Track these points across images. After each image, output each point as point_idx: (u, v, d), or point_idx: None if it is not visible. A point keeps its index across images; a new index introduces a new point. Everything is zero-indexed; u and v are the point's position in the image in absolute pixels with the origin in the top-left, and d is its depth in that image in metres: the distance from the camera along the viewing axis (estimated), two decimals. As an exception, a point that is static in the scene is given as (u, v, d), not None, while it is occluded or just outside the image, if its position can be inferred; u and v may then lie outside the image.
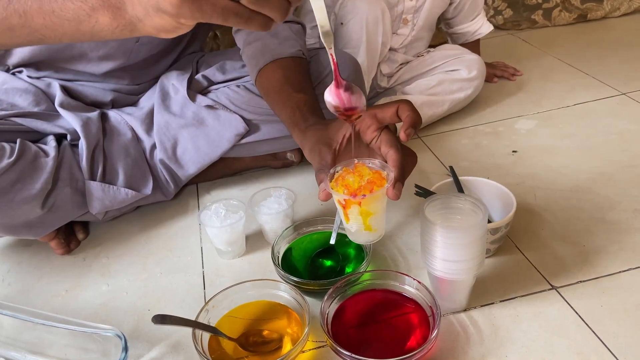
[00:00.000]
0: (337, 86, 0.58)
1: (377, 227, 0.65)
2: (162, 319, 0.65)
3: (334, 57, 0.56)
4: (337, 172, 0.65)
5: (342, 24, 1.18)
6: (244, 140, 1.00)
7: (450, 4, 1.37)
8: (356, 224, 0.64)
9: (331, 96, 0.59)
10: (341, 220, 0.67)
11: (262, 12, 0.45)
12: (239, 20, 0.45)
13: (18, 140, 0.84)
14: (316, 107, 0.80)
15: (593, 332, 0.69)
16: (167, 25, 0.44)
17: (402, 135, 0.63)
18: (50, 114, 0.94)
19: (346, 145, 0.68)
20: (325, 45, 0.54)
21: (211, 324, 0.70)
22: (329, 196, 0.64)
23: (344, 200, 0.62)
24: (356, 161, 0.65)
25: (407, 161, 0.65)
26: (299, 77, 0.87)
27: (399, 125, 1.05)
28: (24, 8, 0.47)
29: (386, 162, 0.65)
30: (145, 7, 0.43)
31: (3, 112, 0.88)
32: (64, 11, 0.46)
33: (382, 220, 0.66)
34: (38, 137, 0.93)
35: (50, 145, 0.89)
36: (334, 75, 0.58)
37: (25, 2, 0.47)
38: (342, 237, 0.85)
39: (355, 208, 0.62)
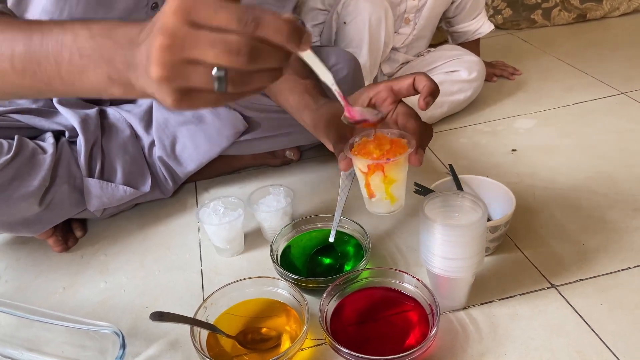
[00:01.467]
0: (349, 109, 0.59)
1: (398, 196, 0.64)
2: (160, 316, 0.65)
3: (342, 95, 0.56)
4: (356, 142, 0.64)
5: (345, 23, 1.17)
6: (243, 138, 1.00)
7: (452, 2, 1.37)
8: (378, 193, 0.63)
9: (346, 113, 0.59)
10: (361, 191, 0.65)
11: (254, 81, 0.43)
12: (237, 96, 0.44)
13: (16, 137, 0.84)
14: (323, 91, 0.80)
15: (592, 330, 0.69)
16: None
17: (421, 104, 0.63)
18: (49, 111, 0.93)
19: None
20: (335, 91, 0.54)
21: (209, 322, 0.70)
22: (350, 164, 0.63)
23: (367, 166, 0.61)
24: (375, 131, 0.64)
25: (425, 132, 0.65)
26: (304, 66, 0.87)
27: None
28: (49, 79, 0.50)
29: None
30: (151, 95, 0.44)
31: (1, 109, 0.88)
32: (84, 84, 0.48)
33: (403, 189, 0.65)
34: (36, 133, 0.92)
35: (48, 142, 0.89)
36: (344, 105, 0.58)
37: (51, 75, 0.49)
38: (341, 235, 0.85)
39: (378, 175, 0.61)
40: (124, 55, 0.45)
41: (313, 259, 0.82)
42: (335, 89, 0.53)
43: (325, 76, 0.50)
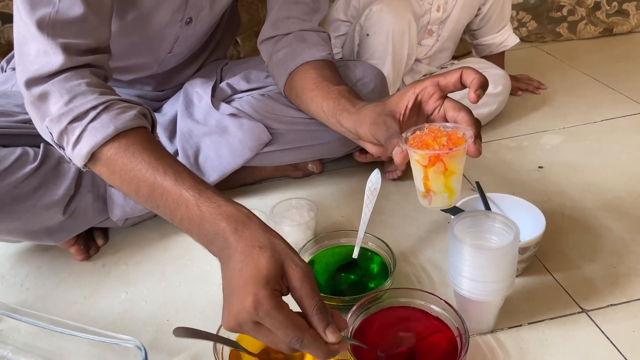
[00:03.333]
0: None
1: (457, 189, 0.62)
2: (183, 332, 0.63)
3: None
4: (409, 136, 0.62)
5: (368, 35, 1.16)
6: (266, 149, 0.99)
7: (477, 15, 1.35)
8: (436, 186, 0.60)
9: None
10: (416, 186, 0.63)
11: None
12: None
13: (42, 145, 0.84)
14: (358, 95, 0.79)
15: (625, 358, 0.67)
16: None
17: (471, 96, 0.61)
18: (74, 119, 0.94)
19: (408, 117, 0.67)
20: None
21: (232, 338, 0.69)
22: (406, 158, 0.61)
23: (427, 158, 0.59)
24: (427, 125, 0.62)
25: (477, 122, 0.63)
26: (334, 74, 0.86)
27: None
28: (165, 216, 0.64)
29: None
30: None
31: (28, 116, 0.88)
32: (188, 233, 0.62)
33: (460, 182, 0.62)
34: (61, 142, 0.93)
35: (74, 150, 0.89)
36: None
37: (164, 214, 0.64)
38: (364, 252, 0.84)
39: (438, 167, 0.59)
40: (217, 249, 0.58)
41: (336, 276, 0.81)
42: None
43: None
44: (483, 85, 0.61)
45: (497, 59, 1.45)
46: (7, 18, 1.35)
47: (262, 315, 0.50)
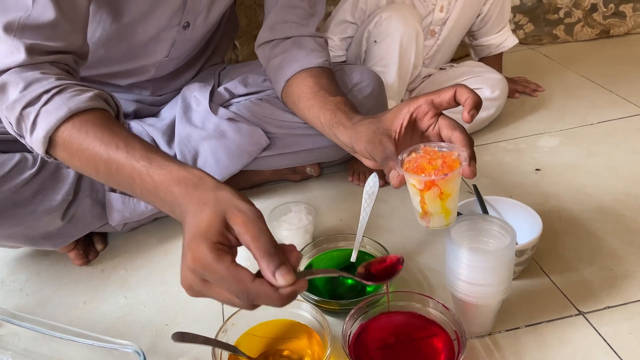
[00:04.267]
0: None
1: (453, 209, 0.63)
2: (181, 337, 0.64)
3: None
4: (405, 158, 0.63)
5: (375, 41, 1.17)
6: (264, 154, 1.00)
7: (478, 15, 1.36)
8: (433, 208, 0.61)
9: None
10: (414, 207, 0.64)
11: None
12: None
13: (40, 151, 0.84)
14: (355, 107, 0.79)
15: (622, 360, 0.67)
16: None
17: (465, 117, 0.62)
18: (73, 125, 0.94)
19: (403, 135, 0.67)
20: None
21: (230, 342, 0.69)
22: (402, 181, 0.62)
23: (423, 183, 0.60)
24: (422, 146, 0.63)
25: (471, 141, 0.63)
26: (331, 83, 0.86)
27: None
28: (127, 191, 0.63)
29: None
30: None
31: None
32: (152, 204, 0.60)
33: (457, 202, 0.63)
34: (60, 147, 0.93)
35: (72, 156, 0.89)
36: None
37: (129, 191, 0.62)
38: (362, 255, 0.84)
39: (434, 191, 0.60)
40: (177, 215, 0.56)
41: (334, 280, 0.81)
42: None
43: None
44: (477, 105, 0.62)
45: (496, 60, 1.46)
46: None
47: (202, 270, 0.48)
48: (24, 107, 0.65)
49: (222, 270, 0.47)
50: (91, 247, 0.97)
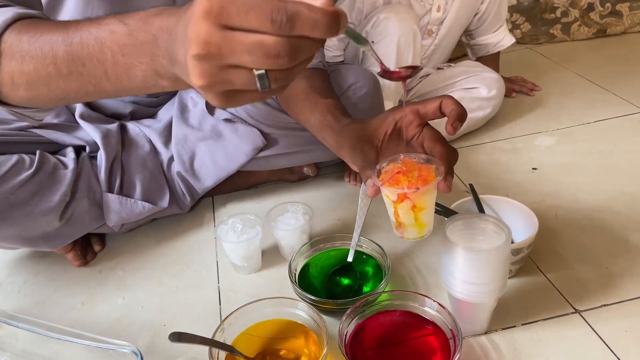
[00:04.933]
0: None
1: (427, 222, 0.63)
2: (179, 337, 0.64)
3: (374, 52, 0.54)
4: (383, 167, 0.63)
5: (373, 42, 1.18)
6: (261, 154, 1.00)
7: (475, 14, 1.36)
8: (407, 220, 0.62)
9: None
10: (390, 217, 0.65)
11: (294, 73, 0.42)
12: (281, 90, 0.43)
13: (37, 152, 0.85)
14: (346, 111, 0.79)
15: (618, 358, 0.67)
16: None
17: (448, 129, 0.62)
18: (70, 126, 0.94)
19: (387, 142, 0.67)
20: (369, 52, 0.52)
21: (227, 342, 0.69)
22: (377, 192, 0.63)
23: (396, 195, 0.60)
24: (402, 156, 0.63)
25: (451, 156, 0.64)
26: (324, 85, 0.87)
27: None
28: (97, 79, 0.50)
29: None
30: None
31: (23, 124, 0.89)
32: (132, 81, 0.48)
33: (432, 215, 0.64)
34: (57, 148, 0.93)
35: (69, 157, 0.89)
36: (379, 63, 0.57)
37: (98, 75, 0.49)
38: (359, 255, 0.84)
39: (406, 203, 0.61)
40: (165, 49, 0.44)
41: (331, 279, 0.82)
42: (370, 51, 0.52)
43: (363, 44, 0.49)
44: (461, 117, 0.62)
45: (493, 59, 1.46)
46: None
47: (222, 8, 0.37)
48: None
49: None
50: (89, 248, 0.97)
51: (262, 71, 0.39)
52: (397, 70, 0.58)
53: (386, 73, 0.57)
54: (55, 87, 0.52)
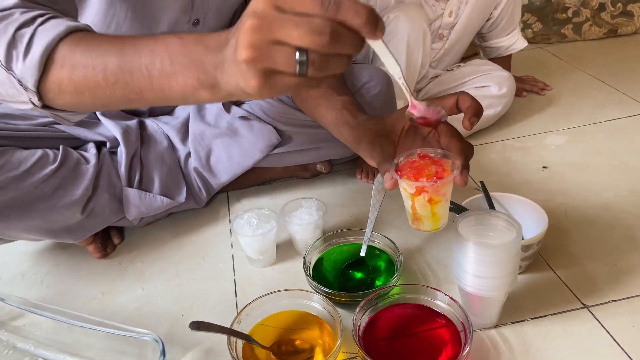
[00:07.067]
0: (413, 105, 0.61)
1: (442, 215, 0.65)
2: (198, 326, 0.67)
3: (409, 90, 0.58)
4: (401, 162, 0.65)
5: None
6: (276, 151, 1.02)
7: (488, 19, 1.37)
8: (423, 212, 0.64)
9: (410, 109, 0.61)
10: (406, 210, 0.66)
11: (331, 66, 0.46)
12: (315, 82, 0.47)
13: (61, 147, 0.87)
14: (361, 107, 0.81)
15: (625, 352, 0.69)
16: (256, 98, 0.49)
17: (466, 124, 0.64)
18: (92, 122, 0.97)
19: (404, 138, 0.69)
20: (402, 84, 0.56)
21: (245, 332, 0.72)
22: (395, 185, 0.64)
23: (414, 188, 0.62)
24: (419, 151, 0.65)
25: (467, 151, 0.65)
26: (339, 82, 0.89)
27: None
28: (140, 89, 0.54)
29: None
30: (235, 87, 0.48)
31: (47, 119, 0.91)
32: (173, 90, 0.52)
33: (447, 208, 0.66)
34: (78, 143, 0.96)
35: (91, 152, 0.92)
36: (410, 100, 0.60)
37: (142, 85, 0.53)
38: (372, 250, 0.86)
39: (424, 196, 0.62)
40: (214, 57, 0.48)
41: (344, 273, 0.84)
42: (402, 82, 0.55)
43: (394, 69, 0.53)
44: (477, 113, 0.64)
45: (505, 61, 1.47)
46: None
47: None
48: (18, 29, 0.57)
49: None
50: (109, 240, 1.00)
51: (303, 55, 0.43)
52: (423, 117, 0.62)
53: (415, 119, 0.62)
54: (101, 95, 0.56)
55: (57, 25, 0.57)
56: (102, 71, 0.54)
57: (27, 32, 0.57)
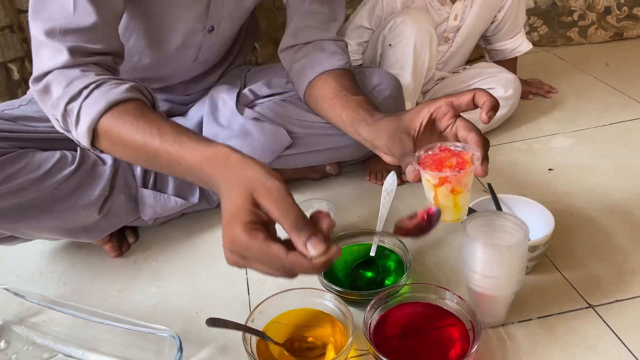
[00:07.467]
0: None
1: (464, 205, 0.67)
2: (214, 322, 0.69)
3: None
4: (422, 155, 0.67)
5: (390, 45, 1.21)
6: (286, 152, 1.04)
7: (492, 22, 1.39)
8: (446, 203, 0.66)
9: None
10: (427, 201, 0.68)
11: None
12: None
13: (78, 149, 0.89)
14: (376, 106, 0.83)
15: (630, 351, 0.70)
16: None
17: (483, 118, 0.66)
18: (108, 124, 0.99)
19: (422, 133, 0.71)
20: None
21: (258, 329, 0.74)
22: (418, 176, 0.66)
23: (437, 178, 0.64)
24: (439, 144, 0.67)
25: (485, 142, 0.67)
26: (353, 83, 0.91)
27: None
28: (165, 170, 0.67)
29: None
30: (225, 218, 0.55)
31: (65, 122, 0.94)
32: (185, 177, 0.65)
33: (468, 199, 0.68)
34: (95, 145, 0.98)
35: (107, 154, 0.95)
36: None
37: (166, 169, 0.67)
38: (381, 250, 0.88)
39: (446, 187, 0.64)
40: (213, 190, 0.61)
41: (355, 272, 0.86)
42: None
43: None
44: (494, 107, 0.66)
45: (510, 63, 1.49)
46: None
47: (240, 250, 0.52)
48: (68, 103, 0.69)
49: (256, 248, 0.51)
50: (124, 240, 1.02)
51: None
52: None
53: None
54: (136, 163, 0.75)
55: (98, 101, 0.68)
56: (136, 158, 0.69)
57: (75, 106, 0.69)
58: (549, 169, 1.14)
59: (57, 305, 0.81)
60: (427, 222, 0.64)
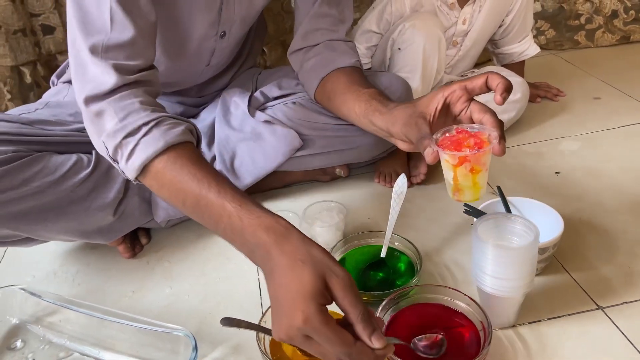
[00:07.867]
0: None
1: (482, 184, 0.68)
2: (229, 322, 0.70)
3: None
4: (439, 137, 0.68)
5: (399, 49, 1.23)
6: (297, 154, 1.06)
7: (500, 26, 1.40)
8: (465, 182, 0.67)
9: None
10: (446, 182, 0.69)
11: None
12: None
13: (94, 152, 0.91)
14: (388, 97, 0.84)
15: (638, 352, 0.71)
16: None
17: (498, 99, 0.66)
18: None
19: (437, 118, 0.72)
20: None
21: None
22: (436, 158, 0.67)
23: (457, 158, 0.65)
24: (455, 127, 0.68)
25: (500, 123, 0.68)
26: (363, 79, 0.92)
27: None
28: (208, 224, 0.68)
29: None
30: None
31: (80, 125, 0.95)
32: (233, 243, 0.66)
33: (486, 178, 0.68)
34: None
35: (122, 156, 0.96)
36: None
37: (209, 224, 0.67)
38: (392, 251, 0.89)
39: (465, 166, 0.65)
40: (253, 256, 0.63)
41: (365, 273, 0.87)
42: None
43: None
44: (508, 88, 0.67)
45: (518, 67, 1.49)
46: (48, 30, 1.43)
47: (311, 330, 0.52)
48: (125, 137, 0.70)
49: (330, 334, 0.52)
50: (137, 241, 1.04)
51: None
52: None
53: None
54: (178, 208, 0.70)
55: (157, 141, 0.69)
56: (180, 202, 0.68)
57: (132, 141, 0.70)
58: (556, 172, 1.15)
59: (73, 304, 0.83)
60: None
